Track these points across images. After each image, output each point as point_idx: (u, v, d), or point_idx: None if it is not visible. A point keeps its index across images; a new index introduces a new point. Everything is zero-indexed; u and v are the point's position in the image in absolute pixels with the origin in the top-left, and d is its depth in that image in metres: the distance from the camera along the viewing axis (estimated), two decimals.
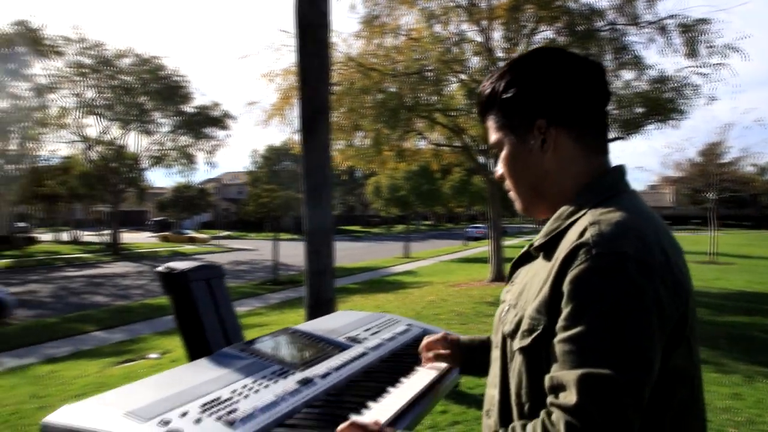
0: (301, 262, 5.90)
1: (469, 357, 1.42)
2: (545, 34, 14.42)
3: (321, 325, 1.66)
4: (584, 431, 0.80)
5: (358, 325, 1.70)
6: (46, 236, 43.00)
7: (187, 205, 49.53)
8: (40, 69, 27.19)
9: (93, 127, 31.17)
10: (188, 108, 32.36)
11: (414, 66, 12.53)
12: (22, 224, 41.19)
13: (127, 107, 30.38)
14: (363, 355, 1.43)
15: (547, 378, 0.88)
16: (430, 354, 1.44)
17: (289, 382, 1.17)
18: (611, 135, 14.08)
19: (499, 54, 14.71)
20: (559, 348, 0.87)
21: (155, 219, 57.18)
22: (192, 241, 43.85)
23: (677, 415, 0.93)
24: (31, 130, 29.50)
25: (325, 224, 6.06)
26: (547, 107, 1.05)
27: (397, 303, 11.56)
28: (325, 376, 1.24)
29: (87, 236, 43.67)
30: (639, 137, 17.97)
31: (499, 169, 1.14)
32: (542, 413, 0.86)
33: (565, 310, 0.88)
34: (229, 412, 0.99)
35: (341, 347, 1.46)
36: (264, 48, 36.86)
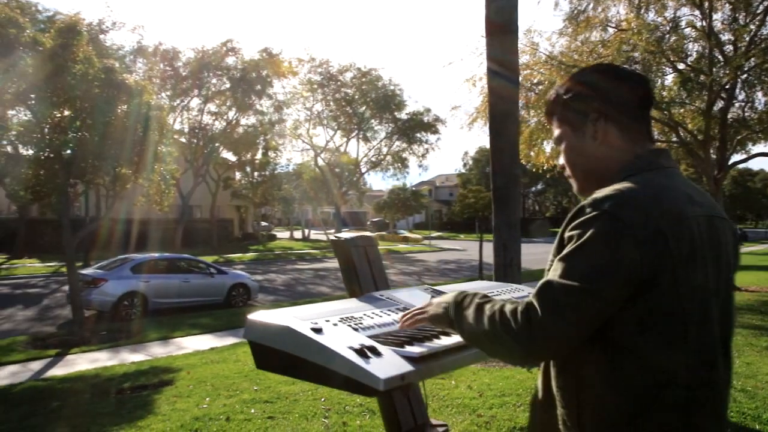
0: None
1: None
2: None
3: (454, 286, 2.06)
4: (528, 314, 1.15)
5: (486, 288, 2.08)
6: (282, 234, 49.07)
7: (402, 207, 52.42)
8: (279, 88, 31.37)
9: (320, 136, 34.95)
10: (402, 115, 34.48)
11: (619, 59, 12.03)
12: (264, 223, 47.59)
13: (349, 117, 33.44)
14: None
15: None
16: None
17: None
18: None
19: (726, 37, 13.36)
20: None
21: (373, 219, 61.55)
22: (405, 240, 46.40)
23: (666, 345, 1.17)
24: (272, 142, 34.09)
25: (511, 220, 6.38)
26: (598, 106, 1.35)
27: None
28: None
29: (315, 234, 48.83)
30: None
31: (561, 159, 1.45)
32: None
33: (560, 247, 1.22)
34: (356, 323, 1.46)
35: None
36: (468, 53, 37.94)
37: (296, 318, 1.43)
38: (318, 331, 1.35)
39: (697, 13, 13.01)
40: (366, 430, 4.02)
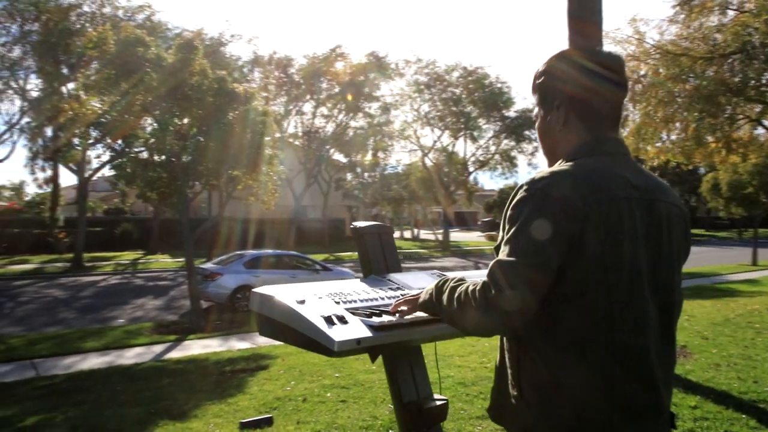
0: None
1: None
2: None
3: (463, 272, 2.19)
4: (484, 292, 1.27)
5: None
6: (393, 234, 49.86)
7: None
8: (387, 90, 32.06)
9: (428, 137, 35.20)
10: (510, 112, 33.89)
11: (733, 44, 11.13)
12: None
13: (456, 117, 33.42)
14: None
15: None
16: None
17: (396, 293, 1.78)
18: None
19: None
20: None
21: (484, 219, 60.88)
22: None
23: (592, 306, 1.27)
24: (380, 143, 34.87)
25: None
26: (562, 93, 1.45)
27: (706, 309, 10.51)
28: None
29: (424, 234, 49.23)
30: None
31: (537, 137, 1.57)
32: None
33: (506, 226, 1.34)
34: (340, 298, 1.65)
35: None
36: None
37: (288, 292, 1.65)
38: (301, 302, 1.56)
39: None
40: None
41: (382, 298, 1.72)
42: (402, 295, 1.79)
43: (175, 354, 8.62)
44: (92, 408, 5.35)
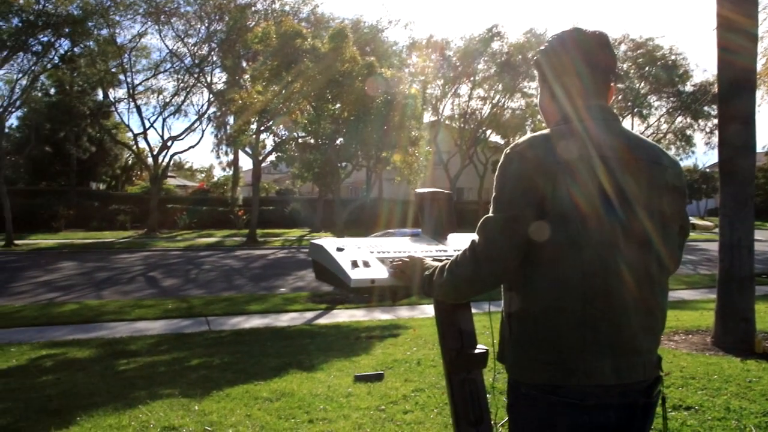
0: None
1: None
2: None
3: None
4: (473, 246, 1.47)
5: None
6: None
7: (690, 191, 46.95)
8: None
9: None
10: (686, 87, 31.01)
11: None
12: None
13: (623, 94, 31.34)
14: None
15: None
16: None
17: (431, 247, 2.01)
18: None
19: None
20: None
21: None
22: (693, 228, 41.53)
23: (561, 253, 1.42)
24: (540, 124, 33.84)
25: (739, 195, 5.73)
26: (547, 71, 1.64)
27: None
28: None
29: None
30: None
31: None
32: None
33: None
34: (375, 249, 1.92)
35: None
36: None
37: (334, 242, 1.96)
38: (340, 249, 1.86)
39: None
40: None
41: (416, 252, 1.96)
42: (440, 250, 2.01)
43: (323, 320, 9.45)
44: (242, 357, 6.19)
